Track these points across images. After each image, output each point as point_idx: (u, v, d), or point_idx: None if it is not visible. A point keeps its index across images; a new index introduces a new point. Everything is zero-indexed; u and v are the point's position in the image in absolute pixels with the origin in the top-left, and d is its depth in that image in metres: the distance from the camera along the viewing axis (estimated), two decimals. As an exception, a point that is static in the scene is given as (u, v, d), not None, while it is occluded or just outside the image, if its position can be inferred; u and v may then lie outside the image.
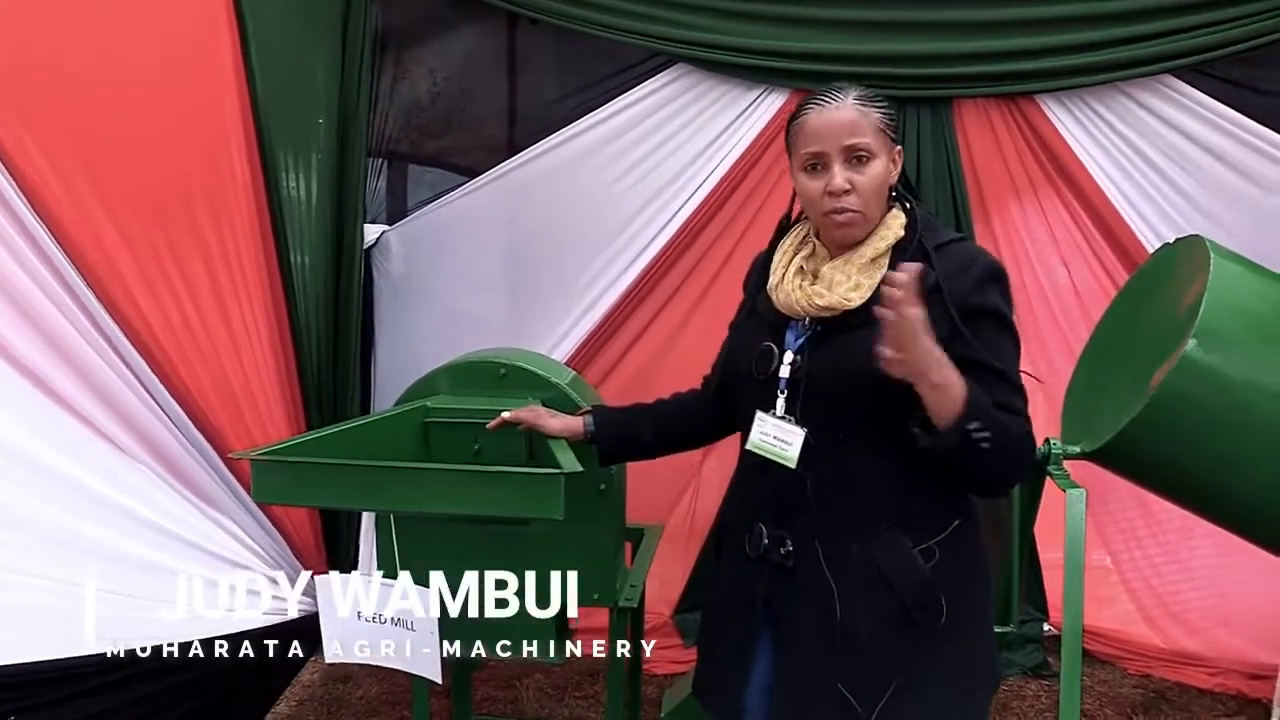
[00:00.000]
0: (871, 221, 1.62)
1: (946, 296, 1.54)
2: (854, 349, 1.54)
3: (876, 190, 1.60)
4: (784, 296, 1.66)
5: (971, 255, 1.63)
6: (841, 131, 1.59)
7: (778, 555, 1.65)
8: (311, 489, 1.77)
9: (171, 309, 2.49)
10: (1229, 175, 3.24)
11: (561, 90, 3.44)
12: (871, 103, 1.61)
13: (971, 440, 1.46)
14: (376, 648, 2.15)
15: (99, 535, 2.35)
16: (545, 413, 1.95)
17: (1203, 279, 2.13)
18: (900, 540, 1.60)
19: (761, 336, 1.70)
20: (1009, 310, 1.62)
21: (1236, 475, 2.22)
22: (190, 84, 2.57)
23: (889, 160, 1.62)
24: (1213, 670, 3.39)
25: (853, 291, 1.59)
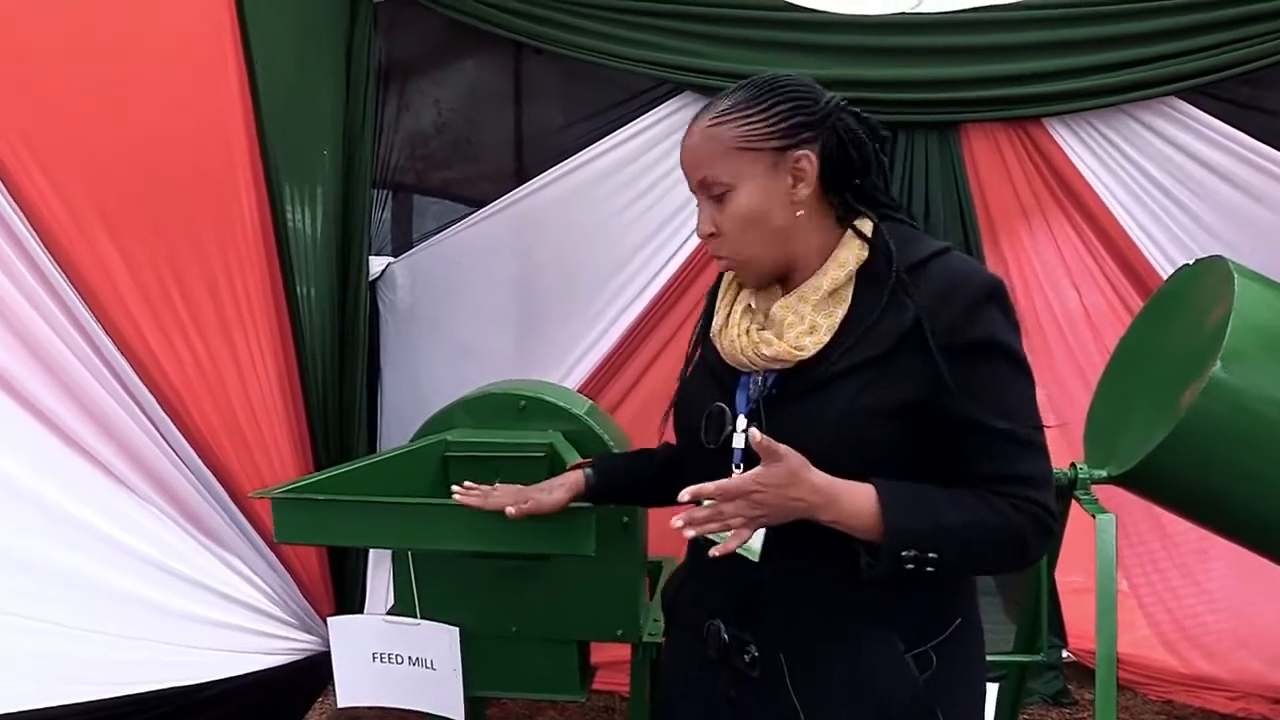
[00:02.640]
0: (773, 260, 1.32)
1: (929, 335, 1.23)
2: (815, 414, 1.27)
3: (751, 225, 1.29)
4: (728, 344, 1.36)
5: (959, 274, 1.28)
6: (688, 166, 1.35)
7: (741, 662, 1.35)
8: (335, 528, 1.74)
9: (180, 344, 2.45)
10: (1236, 196, 3.24)
11: (567, 119, 3.43)
12: (730, 115, 1.29)
13: (907, 570, 1.21)
14: (393, 689, 2.12)
15: (107, 577, 2.30)
16: (538, 491, 1.65)
17: (1227, 300, 2.12)
18: (890, 646, 1.29)
19: (712, 395, 1.38)
20: (1014, 337, 1.28)
21: (1268, 495, 2.19)
22: (197, 116, 2.54)
23: (768, 180, 1.28)
24: (1233, 694, 3.35)
25: (806, 336, 1.28)
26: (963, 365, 1.23)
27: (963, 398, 1.22)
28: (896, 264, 1.27)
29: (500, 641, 2.16)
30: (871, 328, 1.27)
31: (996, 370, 1.26)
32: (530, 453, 1.99)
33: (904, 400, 1.25)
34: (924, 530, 1.21)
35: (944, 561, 1.21)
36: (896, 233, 1.32)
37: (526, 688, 2.23)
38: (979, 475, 1.25)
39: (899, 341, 1.25)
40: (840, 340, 1.28)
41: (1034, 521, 1.25)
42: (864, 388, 1.26)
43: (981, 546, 1.24)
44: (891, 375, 1.25)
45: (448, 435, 2.07)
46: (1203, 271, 2.33)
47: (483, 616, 2.13)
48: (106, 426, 2.32)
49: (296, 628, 2.88)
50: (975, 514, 1.24)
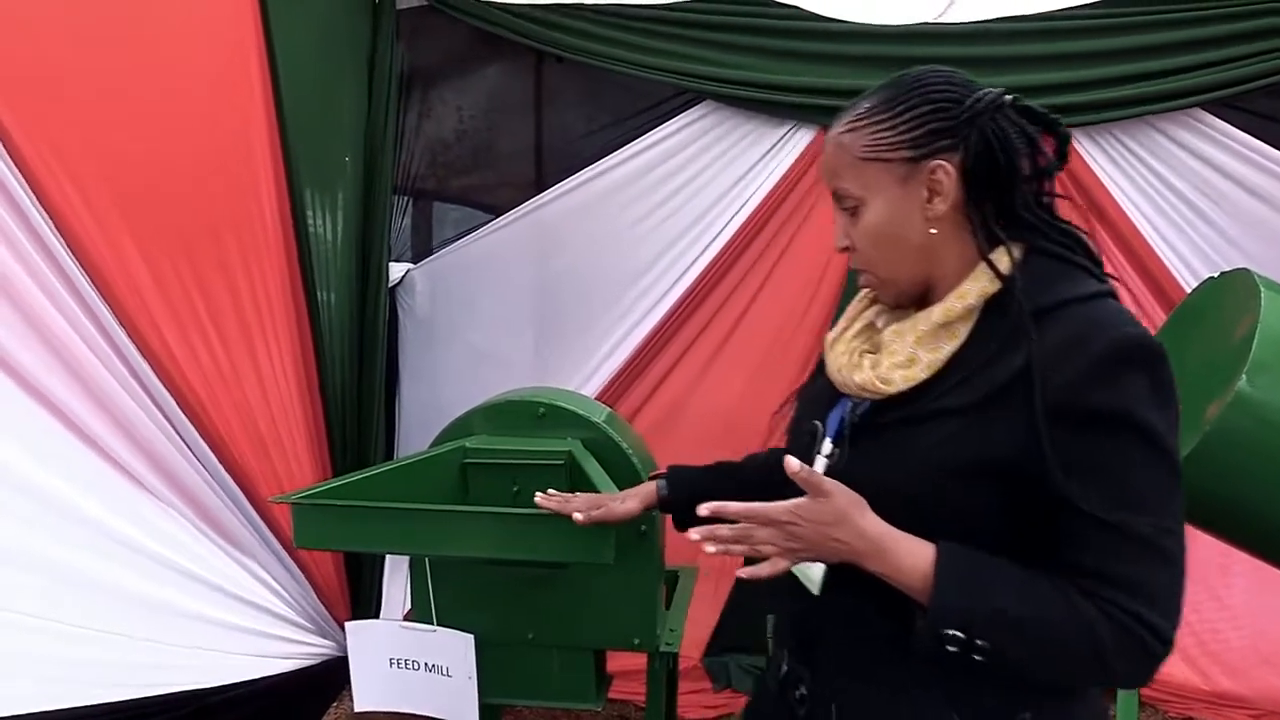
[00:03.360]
0: (903, 283, 1.21)
1: (1037, 389, 1.06)
2: (899, 450, 1.15)
3: (882, 243, 1.18)
4: (832, 359, 1.26)
5: (1098, 323, 1.07)
6: (826, 175, 1.23)
7: (792, 697, 1.27)
8: (355, 533, 1.75)
9: (200, 347, 2.47)
10: (1260, 208, 3.21)
11: (588, 127, 3.44)
12: (863, 121, 1.19)
13: (951, 653, 1.06)
14: (409, 695, 2.12)
15: (125, 579, 2.31)
16: (610, 498, 1.68)
17: (1253, 313, 2.10)
18: (940, 716, 1.14)
19: (814, 409, 1.29)
20: (1156, 414, 1.04)
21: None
22: (220, 122, 2.56)
23: (898, 196, 1.16)
24: (1256, 712, 3.32)
25: (898, 370, 1.15)
26: (1075, 434, 1.04)
27: (1064, 472, 1.04)
28: (1020, 299, 1.10)
29: (517, 649, 2.14)
30: (980, 370, 1.12)
31: (1121, 448, 1.05)
32: (549, 460, 1.98)
33: (994, 459, 1.08)
34: (977, 612, 1.05)
35: (997, 654, 1.05)
36: (1043, 267, 1.14)
37: (543, 696, 2.21)
38: (1071, 566, 1.07)
39: (1005, 389, 1.09)
40: (944, 378, 1.14)
41: (1125, 637, 1.03)
42: (951, 437, 1.11)
43: (1048, 649, 1.06)
44: (986, 428, 1.09)
45: (466, 442, 2.06)
46: (1227, 284, 2.31)
47: (499, 624, 2.12)
48: (126, 428, 2.33)
49: (313, 632, 2.89)
50: (1046, 608, 1.05)
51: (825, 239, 3.27)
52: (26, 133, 2.09)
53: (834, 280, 3.28)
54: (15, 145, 2.07)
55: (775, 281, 3.33)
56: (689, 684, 3.43)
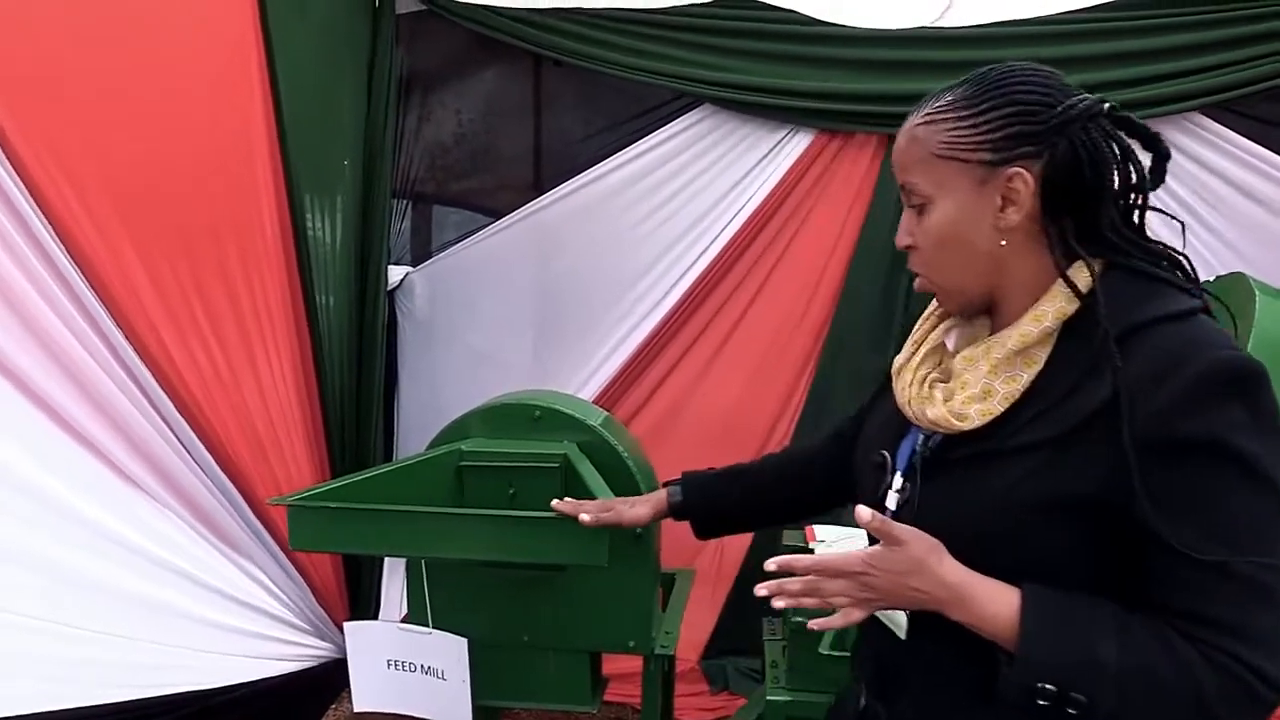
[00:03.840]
0: (967, 293, 1.14)
1: (1124, 421, 0.98)
2: (976, 487, 1.08)
3: (946, 246, 1.11)
4: (900, 389, 1.19)
5: (1190, 346, 0.99)
6: (897, 167, 1.15)
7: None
8: (350, 535, 1.75)
9: (199, 351, 2.48)
10: (1259, 212, 3.21)
11: (587, 131, 3.45)
12: (942, 115, 1.10)
13: (1039, 706, 1.00)
14: (406, 696, 2.13)
15: (126, 581, 2.32)
16: (620, 503, 1.67)
17: (1249, 317, 2.11)
18: None
19: (881, 438, 1.24)
20: (1259, 443, 0.97)
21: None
22: (220, 127, 2.57)
23: (971, 200, 1.09)
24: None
25: (974, 404, 1.08)
26: (1167, 466, 0.97)
27: (1155, 507, 0.97)
28: (1106, 322, 1.02)
29: (513, 651, 2.15)
30: (1060, 401, 1.05)
31: (1218, 481, 0.97)
32: (544, 463, 1.98)
33: (1077, 495, 1.02)
34: (1069, 664, 0.98)
35: (1092, 707, 0.98)
36: (1127, 283, 1.06)
37: (539, 697, 2.22)
38: (1164, 608, 1.00)
39: (1089, 421, 1.01)
40: (1021, 409, 1.07)
41: (1229, 682, 0.96)
42: (1031, 473, 1.04)
43: (1148, 700, 0.98)
44: (1068, 462, 1.03)
45: (462, 445, 2.07)
46: (1224, 288, 2.32)
47: (495, 626, 2.12)
48: (124, 431, 2.34)
49: (311, 634, 2.90)
50: (1146, 656, 0.98)
51: (823, 242, 3.29)
52: (25, 135, 2.09)
53: (831, 283, 3.29)
54: (13, 148, 2.08)
55: (773, 284, 3.33)
56: (687, 686, 3.43)
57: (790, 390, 3.37)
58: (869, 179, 3.27)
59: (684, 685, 3.44)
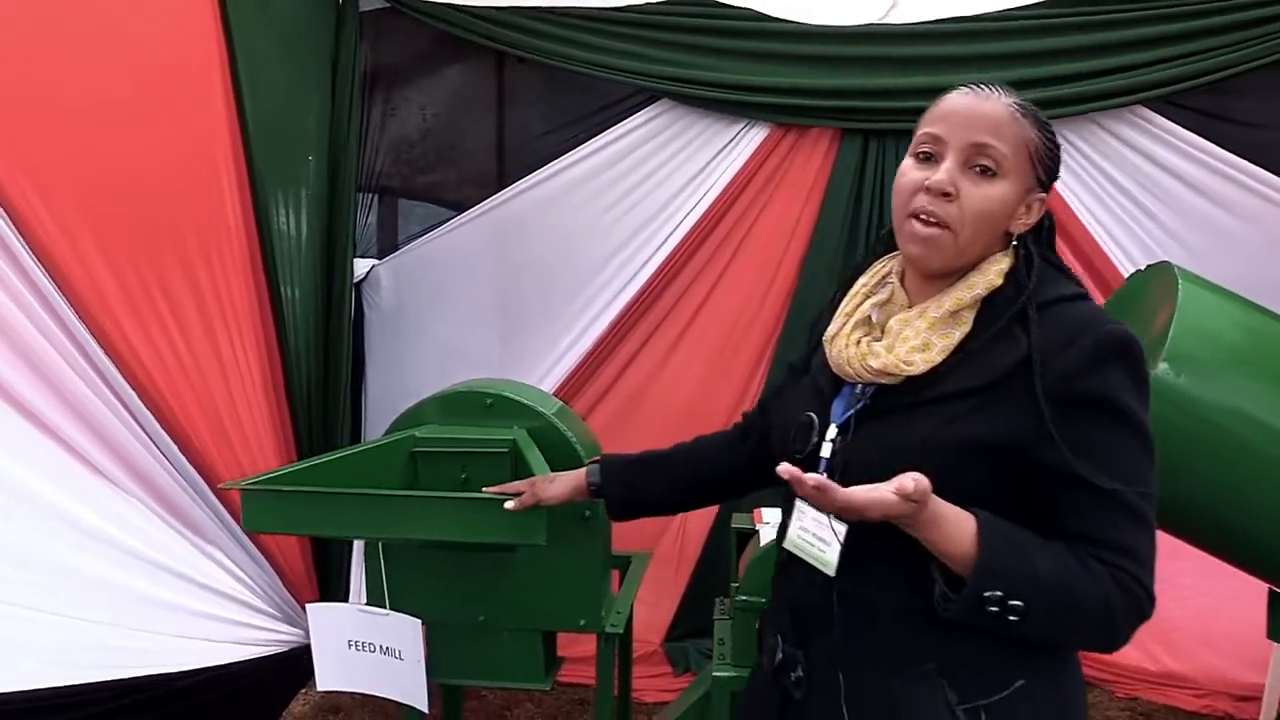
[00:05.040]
0: (962, 255, 1.25)
1: (1036, 378, 1.16)
2: (907, 432, 1.23)
3: (983, 217, 1.23)
4: (836, 353, 1.32)
5: (1086, 320, 1.20)
6: (977, 124, 1.22)
7: (788, 680, 1.34)
8: (300, 517, 1.82)
9: (161, 341, 2.54)
10: (1201, 203, 3.30)
11: (548, 125, 3.52)
12: (1035, 121, 1.25)
13: (988, 614, 1.13)
14: (366, 676, 2.18)
15: (90, 566, 2.38)
16: (540, 481, 1.74)
17: (1171, 304, 2.18)
18: (937, 692, 1.21)
19: (807, 402, 1.37)
20: (1138, 400, 1.19)
21: (1214, 501, 2.23)
22: (181, 122, 2.63)
23: (1021, 195, 1.25)
24: (1199, 692, 3.42)
25: (917, 353, 1.23)
26: (1070, 416, 1.15)
27: (1064, 449, 1.15)
28: (1029, 295, 1.21)
29: (469, 631, 2.22)
30: (978, 355, 1.22)
31: (1108, 430, 1.17)
32: (494, 448, 2.06)
33: (996, 439, 1.19)
34: (1014, 575, 1.13)
35: (1028, 615, 1.12)
36: (1042, 272, 1.26)
37: (494, 675, 2.28)
38: (1077, 535, 1.17)
39: (1004, 377, 1.19)
40: (949, 364, 1.23)
41: (1131, 601, 1.16)
42: (956, 418, 1.20)
43: (1071, 612, 1.14)
44: (989, 411, 1.20)
45: (416, 431, 2.14)
46: (1152, 277, 2.40)
47: (451, 606, 2.19)
48: (88, 421, 2.40)
49: (280, 619, 2.95)
50: (1071, 574, 1.14)
51: (779, 234, 3.36)
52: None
53: (788, 274, 3.37)
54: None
55: (730, 276, 3.41)
56: (650, 668, 3.51)
57: (747, 379, 3.45)
58: (824, 172, 3.35)
59: (647, 667, 3.52)
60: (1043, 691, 1.24)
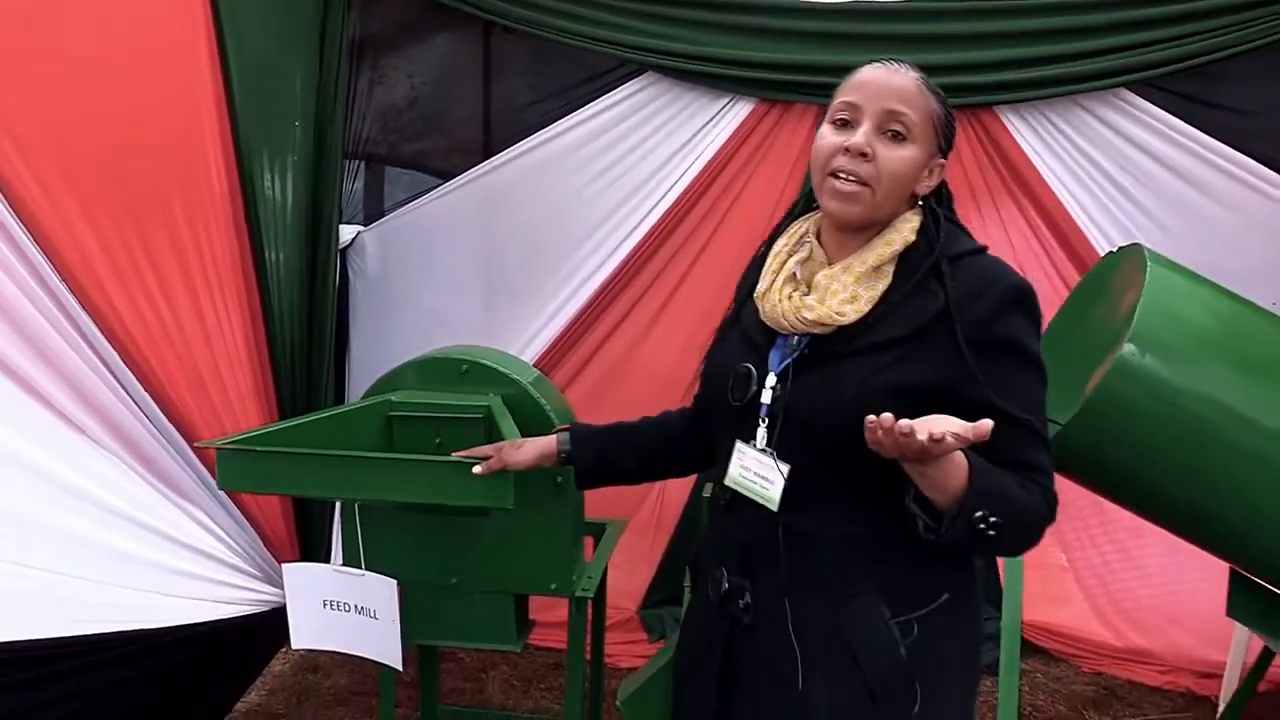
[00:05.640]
0: (878, 210, 1.39)
1: (957, 326, 1.32)
2: (842, 379, 1.36)
3: (896, 177, 1.37)
4: (770, 307, 1.44)
5: (992, 273, 1.37)
6: (889, 94, 1.38)
7: (736, 608, 1.47)
8: (274, 477, 1.86)
9: (143, 302, 2.56)
10: (1181, 186, 3.33)
11: (535, 96, 3.53)
12: (936, 95, 1.41)
13: (975, 530, 1.27)
14: (341, 635, 2.23)
15: (69, 522, 2.40)
16: (508, 446, 1.79)
17: (1139, 286, 2.22)
18: (875, 609, 1.38)
19: (742, 354, 1.48)
20: (1036, 342, 1.37)
21: (1178, 483, 2.27)
22: (167, 87, 2.64)
23: (926, 159, 1.40)
24: (1163, 668, 3.49)
25: (848, 304, 1.37)
26: (985, 358, 1.31)
27: (989, 388, 1.30)
28: (939, 251, 1.37)
29: (441, 592, 2.26)
30: (899, 307, 1.37)
31: (1017, 369, 1.35)
32: (468, 414, 2.10)
33: (923, 382, 1.33)
34: (997, 495, 1.28)
35: (1000, 528, 1.27)
36: (949, 231, 1.42)
37: (466, 637, 2.33)
38: (1007, 461, 1.32)
39: (924, 327, 1.34)
40: (876, 314, 1.37)
41: (1049, 511, 1.37)
42: (885, 365, 1.35)
43: (1025, 524, 1.33)
44: (913, 358, 1.34)
45: (392, 395, 2.18)
46: (1122, 259, 2.43)
47: (425, 568, 2.24)
48: (70, 380, 2.42)
49: (260, 579, 2.99)
50: (1024, 493, 1.32)
51: (762, 208, 3.39)
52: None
53: (770, 248, 3.39)
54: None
55: (713, 248, 3.44)
56: (626, 634, 3.58)
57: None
58: (807, 147, 3.33)
59: (624, 634, 3.59)
60: (961, 602, 1.44)
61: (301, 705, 3.24)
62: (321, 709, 3.22)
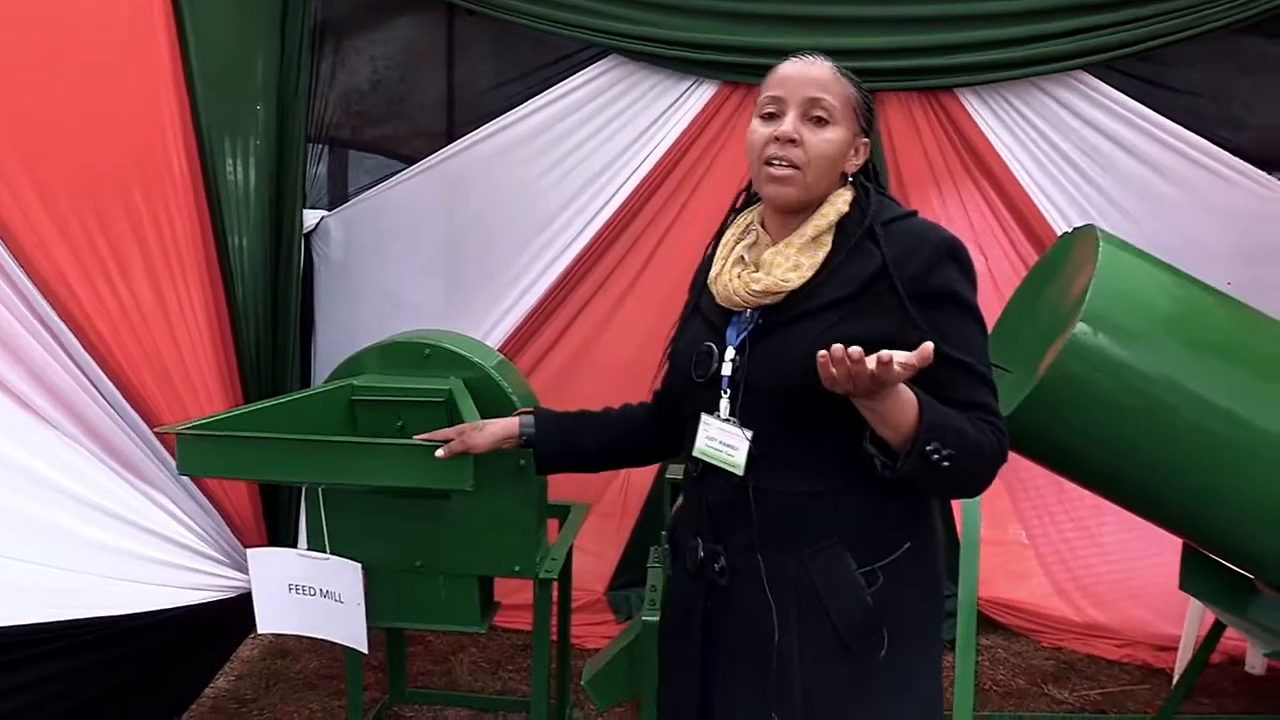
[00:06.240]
0: (811, 190, 1.48)
1: (896, 281, 1.41)
2: (794, 342, 1.44)
3: (825, 158, 1.47)
4: (721, 288, 1.53)
5: (923, 232, 1.47)
6: (808, 83, 1.48)
7: (712, 572, 1.55)
8: (235, 462, 1.86)
9: (104, 288, 2.55)
10: (1136, 166, 3.38)
11: (498, 79, 3.52)
12: (851, 80, 1.52)
13: (929, 463, 1.35)
14: (307, 618, 2.24)
15: (32, 509, 2.40)
16: (470, 428, 1.81)
17: (1091, 266, 2.25)
18: (841, 560, 1.46)
19: (703, 335, 1.57)
20: (971, 291, 1.46)
21: (1131, 460, 2.30)
22: (126, 71, 2.62)
23: (850, 139, 1.50)
24: (1120, 642, 3.55)
25: (791, 272, 1.46)
26: (923, 309, 1.40)
27: (931, 334, 1.34)
28: (871, 218, 1.48)
29: (407, 575, 2.28)
30: (840, 270, 1.46)
31: (954, 316, 1.43)
32: (430, 398, 2.11)
33: (871, 335, 1.37)
34: (948, 429, 1.36)
35: (952, 461, 1.35)
36: (878, 200, 1.53)
37: (431, 619, 2.35)
38: (955, 402, 1.41)
39: (865, 285, 1.43)
40: (819, 280, 1.46)
41: (1001, 447, 1.44)
42: (835, 323, 1.43)
43: (974, 460, 1.40)
44: (859, 314, 1.43)
45: (354, 380, 2.18)
46: (1077, 240, 2.46)
47: (390, 551, 2.25)
48: (30, 367, 2.42)
49: (227, 564, 2.98)
50: (974, 429, 1.40)
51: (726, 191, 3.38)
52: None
53: (734, 232, 3.41)
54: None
55: (677, 232, 3.46)
56: (594, 615, 3.60)
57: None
58: (771, 131, 3.37)
59: (591, 615, 3.61)
60: (923, 549, 1.53)
61: (270, 690, 3.24)
62: (290, 693, 3.22)
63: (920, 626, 1.55)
